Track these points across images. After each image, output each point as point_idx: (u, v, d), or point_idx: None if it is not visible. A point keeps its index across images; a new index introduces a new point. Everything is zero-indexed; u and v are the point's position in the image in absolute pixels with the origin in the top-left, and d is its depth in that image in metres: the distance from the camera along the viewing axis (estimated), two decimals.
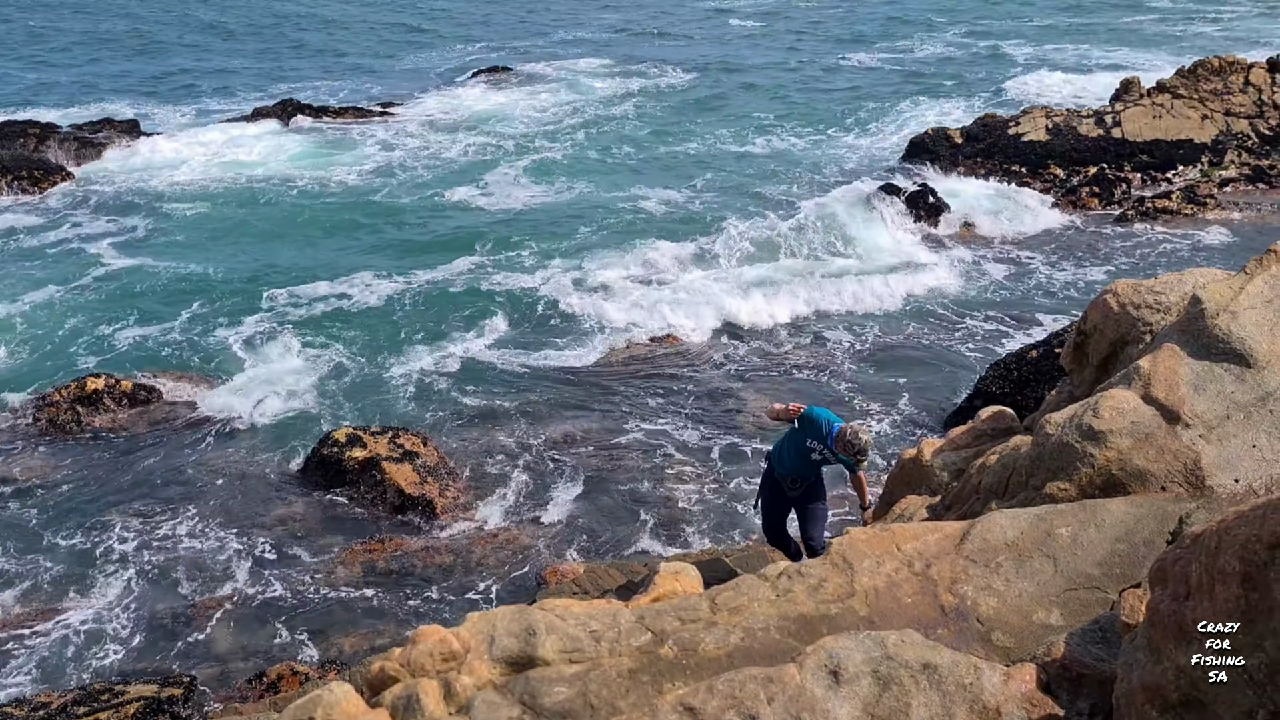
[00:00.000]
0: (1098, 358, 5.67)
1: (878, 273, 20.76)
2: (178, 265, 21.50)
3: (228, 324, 18.78)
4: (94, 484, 14.27)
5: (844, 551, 4.66)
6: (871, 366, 17.34)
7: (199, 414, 15.92)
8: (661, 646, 4.25)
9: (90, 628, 11.72)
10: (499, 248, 22.04)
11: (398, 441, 14.90)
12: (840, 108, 34.09)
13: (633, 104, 35.20)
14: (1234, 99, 26.57)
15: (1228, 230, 21.99)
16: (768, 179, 26.88)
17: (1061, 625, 4.19)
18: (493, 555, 12.80)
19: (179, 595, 12.24)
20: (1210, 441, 4.63)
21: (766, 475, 8.24)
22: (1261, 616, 2.84)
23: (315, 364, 17.33)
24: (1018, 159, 26.12)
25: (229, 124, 32.79)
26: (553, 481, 14.10)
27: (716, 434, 15.13)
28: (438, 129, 32.10)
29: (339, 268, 21.09)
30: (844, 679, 3.82)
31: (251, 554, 12.89)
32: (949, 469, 6.07)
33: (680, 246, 21.70)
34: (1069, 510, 4.53)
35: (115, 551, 12.90)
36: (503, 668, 4.13)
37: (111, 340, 18.41)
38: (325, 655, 11.06)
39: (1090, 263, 21.09)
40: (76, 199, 26.14)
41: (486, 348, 17.92)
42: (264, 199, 25.65)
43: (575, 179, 26.93)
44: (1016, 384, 16.43)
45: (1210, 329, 4.80)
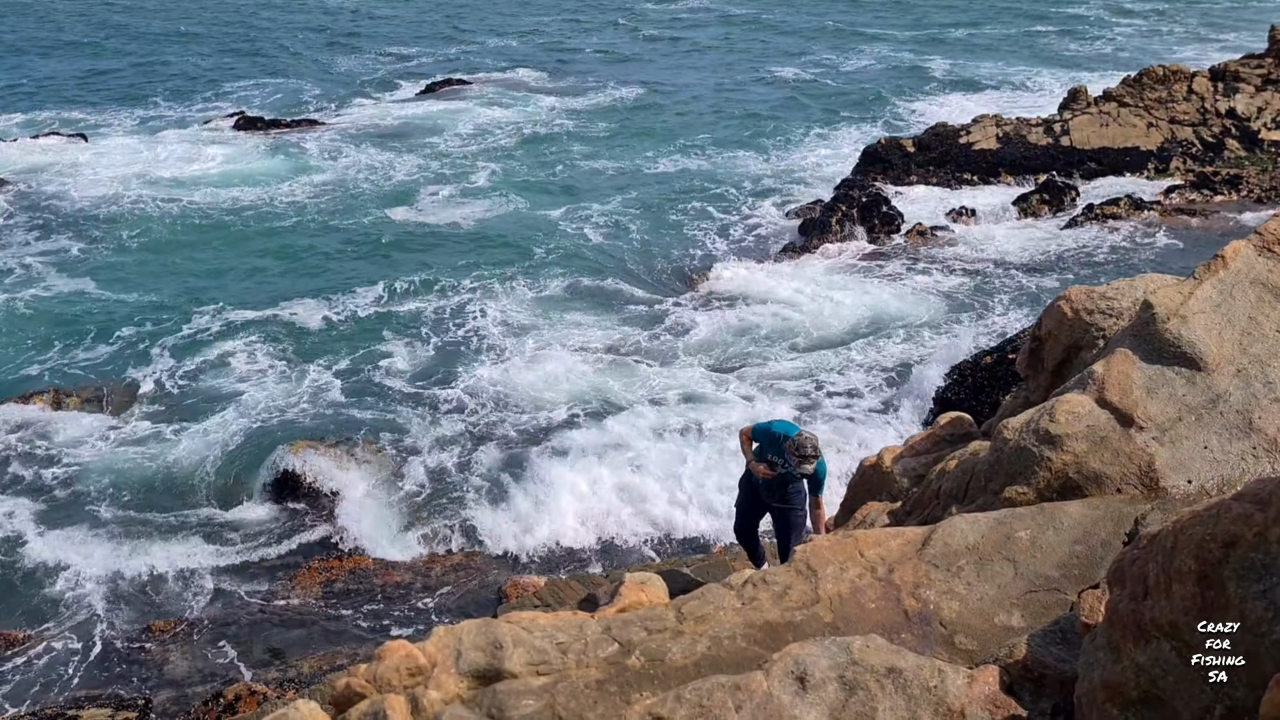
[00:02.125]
0: (1053, 363, 5.78)
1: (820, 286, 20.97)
2: (112, 284, 20.99)
3: (164, 341, 18.39)
4: (37, 501, 14.00)
5: (808, 559, 4.69)
6: (835, 372, 17.48)
7: (141, 431, 15.66)
8: (629, 657, 4.25)
9: (41, 652, 11.48)
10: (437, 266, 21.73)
11: (352, 454, 14.80)
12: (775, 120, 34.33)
13: (569, 119, 35.05)
14: (1178, 107, 27.17)
15: (1173, 236, 22.46)
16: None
17: (1023, 627, 4.24)
18: (451, 572, 12.71)
19: (132, 617, 12.02)
20: (1163, 444, 4.72)
21: (746, 474, 8.23)
22: (1217, 614, 2.90)
23: (258, 381, 17.05)
24: (969, 167, 26.50)
25: (178, 134, 32.42)
26: (506, 497, 14.02)
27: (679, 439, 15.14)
28: (378, 142, 31.69)
29: (280, 288, 20.74)
30: (811, 685, 3.84)
31: (206, 573, 12.70)
32: (909, 475, 6.14)
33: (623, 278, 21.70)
34: (1028, 514, 4.60)
35: (64, 573, 12.65)
36: (470, 681, 4.11)
37: (51, 357, 18.06)
38: (283, 675, 10.91)
39: (1042, 269, 21.42)
40: (11, 210, 25.62)
41: (414, 369, 17.58)
42: (203, 217, 25.06)
43: (507, 195, 26.69)
44: (972, 390, 16.65)
45: (1161, 333, 4.90)
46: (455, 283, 20.78)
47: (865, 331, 18.90)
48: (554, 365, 17.33)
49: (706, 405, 16.15)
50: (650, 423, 15.51)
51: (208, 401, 16.38)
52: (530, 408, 16.13)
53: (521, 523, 13.51)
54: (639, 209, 25.56)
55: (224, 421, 15.68)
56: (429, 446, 15.11)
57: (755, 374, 17.31)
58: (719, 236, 23.97)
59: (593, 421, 15.63)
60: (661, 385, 16.76)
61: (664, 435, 15.18)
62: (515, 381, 16.82)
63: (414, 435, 15.42)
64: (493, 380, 16.93)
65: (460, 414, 16.04)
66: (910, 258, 22.23)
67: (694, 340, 18.50)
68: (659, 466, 14.37)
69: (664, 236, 23.92)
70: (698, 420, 15.53)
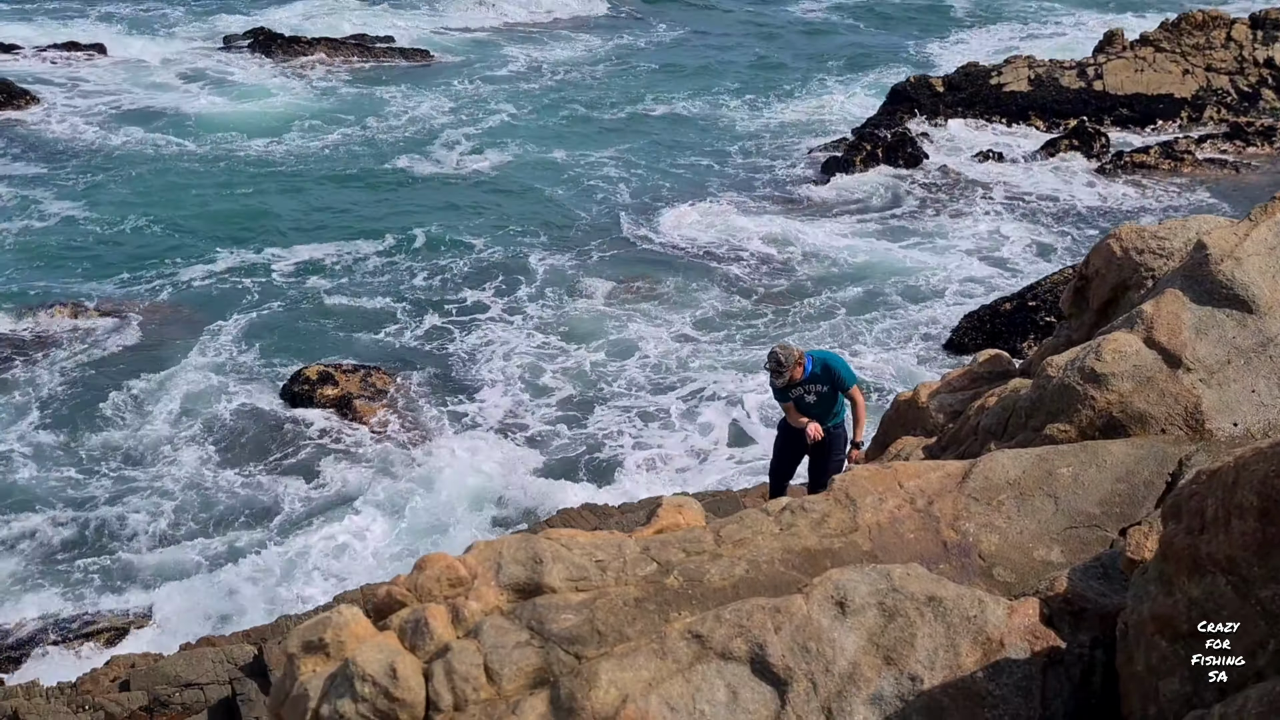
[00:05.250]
0: (1098, 302, 5.72)
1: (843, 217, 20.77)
2: (129, 212, 20.74)
3: (194, 269, 18.32)
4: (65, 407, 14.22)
5: (846, 488, 4.69)
6: (843, 310, 17.43)
7: (165, 348, 15.80)
8: (667, 577, 4.27)
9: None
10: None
11: (369, 380, 14.87)
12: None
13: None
14: (1215, 54, 26.60)
15: (1205, 186, 22.13)
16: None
17: (1062, 562, 4.25)
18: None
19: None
20: (1210, 386, 4.68)
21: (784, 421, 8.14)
22: (1277, 549, 2.89)
23: (279, 312, 17.06)
24: (998, 110, 26.07)
25: (198, 50, 31.97)
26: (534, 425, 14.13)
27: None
28: (402, 75, 30.86)
29: (326, 226, 20.41)
30: (850, 610, 3.85)
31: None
32: (945, 410, 6.12)
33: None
34: (1070, 451, 4.58)
35: (79, 488, 12.83)
36: (509, 594, 4.13)
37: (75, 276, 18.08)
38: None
39: (1068, 216, 21.18)
40: (45, 119, 25.40)
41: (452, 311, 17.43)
42: (222, 154, 24.52)
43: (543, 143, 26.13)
44: (990, 336, 16.54)
45: (1214, 274, 4.83)
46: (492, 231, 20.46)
47: (878, 274, 18.75)
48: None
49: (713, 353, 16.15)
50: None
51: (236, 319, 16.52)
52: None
53: (546, 451, 13.66)
54: (658, 150, 25.11)
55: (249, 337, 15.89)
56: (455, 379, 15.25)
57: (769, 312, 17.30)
58: (735, 176, 23.61)
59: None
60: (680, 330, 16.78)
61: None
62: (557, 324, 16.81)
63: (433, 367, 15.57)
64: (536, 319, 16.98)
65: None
66: (933, 200, 21.98)
67: (704, 284, 18.30)
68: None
69: (679, 177, 23.57)
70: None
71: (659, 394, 14.91)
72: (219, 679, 8.81)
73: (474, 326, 16.62)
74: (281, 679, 3.99)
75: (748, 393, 14.59)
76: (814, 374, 7.63)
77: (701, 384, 15.11)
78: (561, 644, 3.88)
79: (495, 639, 3.84)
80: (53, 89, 27.66)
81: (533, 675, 3.75)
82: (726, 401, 14.71)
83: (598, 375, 15.36)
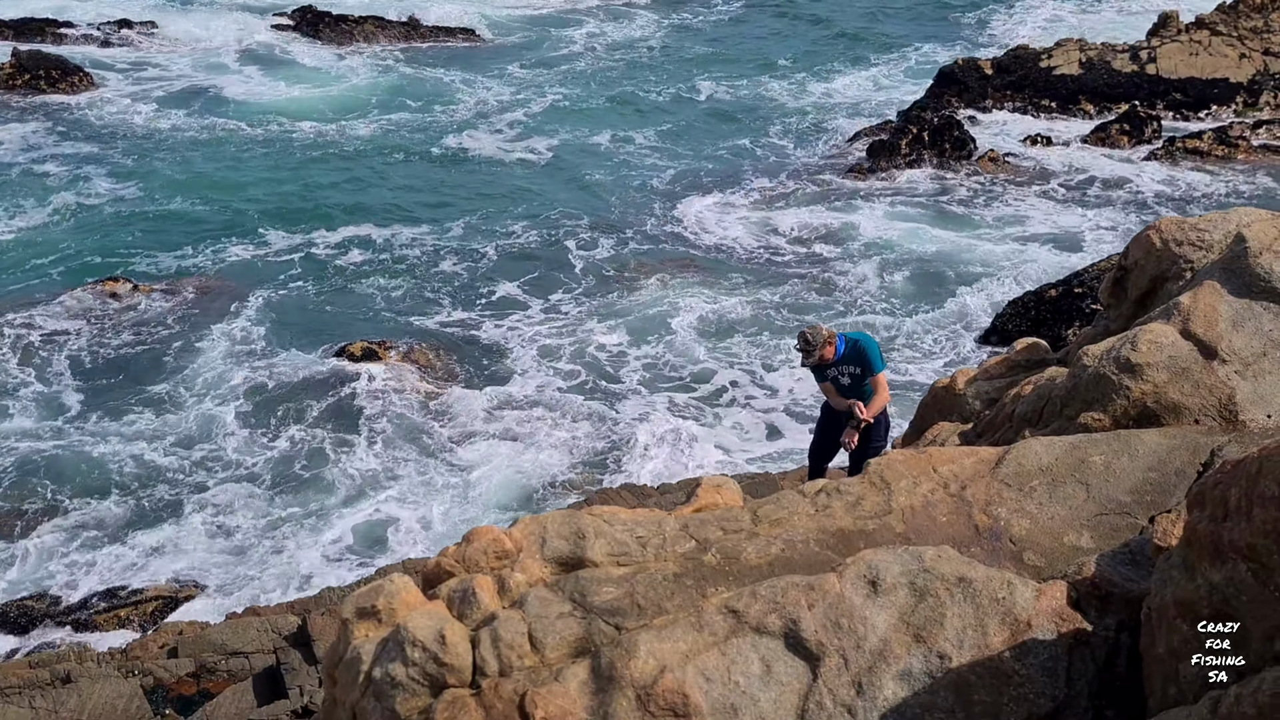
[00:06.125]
0: (1136, 293, 5.76)
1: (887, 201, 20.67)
2: (179, 192, 21.12)
3: (242, 248, 18.69)
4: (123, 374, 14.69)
5: (881, 471, 4.81)
6: (893, 298, 17.39)
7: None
8: (705, 554, 4.43)
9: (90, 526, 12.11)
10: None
11: (411, 357, 15.17)
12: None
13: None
14: (1274, 38, 26.07)
15: (1260, 173, 21.76)
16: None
17: (1092, 548, 4.34)
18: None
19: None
20: (1245, 377, 4.73)
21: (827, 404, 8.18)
22: None
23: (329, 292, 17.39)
24: (1048, 93, 25.76)
25: (247, 28, 32.35)
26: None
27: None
28: (450, 57, 30.97)
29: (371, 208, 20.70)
30: (882, 589, 3.98)
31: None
32: (981, 398, 6.19)
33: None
34: (1103, 439, 4.66)
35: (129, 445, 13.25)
36: (553, 567, 4.31)
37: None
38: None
39: (1117, 203, 20.93)
40: (98, 99, 25.93)
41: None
42: (272, 134, 24.90)
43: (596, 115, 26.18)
44: (1034, 323, 16.44)
45: (1252, 267, 4.87)
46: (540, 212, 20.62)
47: (922, 259, 18.70)
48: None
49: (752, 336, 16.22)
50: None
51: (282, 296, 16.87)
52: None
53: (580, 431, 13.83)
54: (702, 134, 25.13)
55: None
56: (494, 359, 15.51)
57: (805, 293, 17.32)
58: (778, 160, 23.58)
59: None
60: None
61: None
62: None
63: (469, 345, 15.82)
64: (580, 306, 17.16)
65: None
66: (980, 185, 21.82)
67: (743, 270, 18.40)
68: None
69: (723, 159, 23.58)
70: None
71: (696, 381, 15.05)
72: (264, 648, 9.10)
73: (512, 310, 16.86)
74: (335, 642, 4.20)
75: (796, 381, 14.67)
76: (845, 355, 7.64)
77: (739, 371, 15.22)
78: (602, 615, 4.05)
79: (539, 609, 4.02)
80: (104, 70, 28.21)
81: (575, 645, 3.91)
82: (764, 389, 14.81)
83: (634, 360, 15.52)
